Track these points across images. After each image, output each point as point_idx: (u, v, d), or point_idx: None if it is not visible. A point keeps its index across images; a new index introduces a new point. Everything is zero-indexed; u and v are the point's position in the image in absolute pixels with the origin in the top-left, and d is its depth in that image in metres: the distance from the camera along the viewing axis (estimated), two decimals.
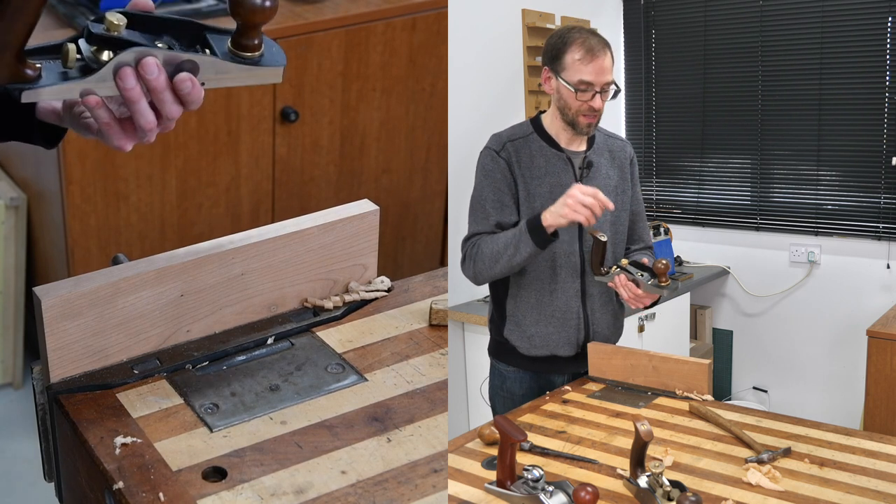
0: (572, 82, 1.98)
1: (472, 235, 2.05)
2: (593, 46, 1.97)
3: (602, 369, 2.01)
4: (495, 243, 1.97)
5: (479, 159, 2.08)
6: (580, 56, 1.97)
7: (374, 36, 2.78)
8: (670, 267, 1.94)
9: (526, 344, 2.10)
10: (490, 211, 2.03)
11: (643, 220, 2.25)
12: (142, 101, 1.12)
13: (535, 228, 1.91)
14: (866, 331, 2.99)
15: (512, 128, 2.12)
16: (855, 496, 1.36)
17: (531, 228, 1.91)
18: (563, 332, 2.08)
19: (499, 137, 2.08)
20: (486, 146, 2.08)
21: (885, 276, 3.62)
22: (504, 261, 1.96)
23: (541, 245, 1.91)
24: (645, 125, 4.23)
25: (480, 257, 2.00)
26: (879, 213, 3.61)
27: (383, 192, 3.03)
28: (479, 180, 2.07)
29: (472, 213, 2.07)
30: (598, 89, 1.98)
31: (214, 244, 1.32)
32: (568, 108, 2.02)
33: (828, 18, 3.64)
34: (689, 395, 1.86)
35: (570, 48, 1.98)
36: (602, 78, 1.98)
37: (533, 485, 1.36)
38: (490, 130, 2.13)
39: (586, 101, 1.98)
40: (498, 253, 1.96)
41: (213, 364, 1.30)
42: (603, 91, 1.99)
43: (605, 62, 1.98)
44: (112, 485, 1.07)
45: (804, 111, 3.75)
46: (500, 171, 2.03)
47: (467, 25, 3.20)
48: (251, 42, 1.18)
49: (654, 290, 1.95)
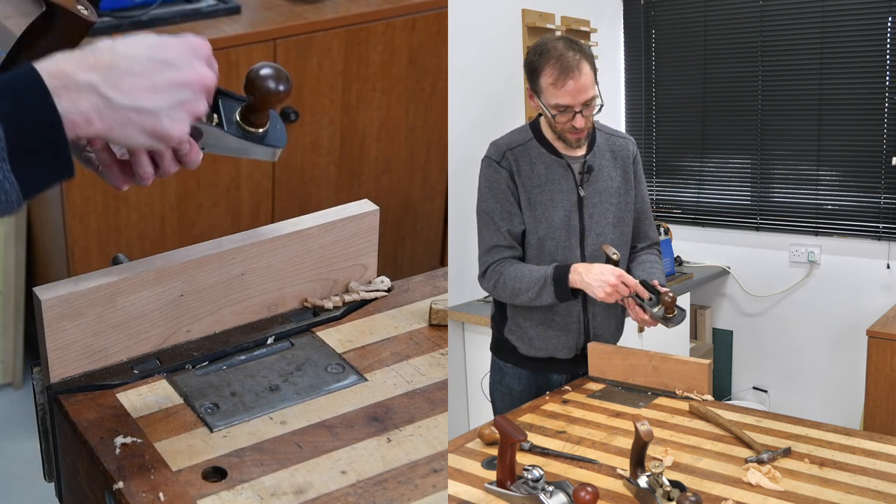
0: (550, 106, 1.96)
1: (490, 249, 2.06)
2: (566, 66, 1.91)
3: (602, 369, 2.01)
4: (519, 280, 2.00)
5: (481, 169, 2.08)
6: (552, 80, 1.92)
7: (374, 36, 2.78)
8: (676, 299, 1.95)
9: (525, 345, 2.11)
10: (499, 223, 2.03)
11: (648, 218, 2.23)
12: (143, 153, 1.12)
13: (560, 283, 1.95)
14: (866, 331, 2.99)
15: (510, 134, 2.11)
16: (855, 496, 1.36)
17: (556, 282, 1.96)
18: (564, 336, 2.08)
19: (498, 146, 2.07)
20: (486, 155, 2.07)
21: (885, 276, 3.62)
22: (524, 300, 2.02)
23: (561, 300, 1.98)
24: (645, 125, 4.23)
25: (503, 286, 2.03)
26: (879, 213, 3.61)
27: (383, 192, 3.03)
28: (483, 192, 2.06)
29: (483, 226, 2.08)
30: (578, 109, 1.94)
31: (214, 244, 1.32)
32: (553, 127, 2.02)
33: (828, 18, 3.64)
34: (689, 395, 1.86)
35: (543, 70, 1.94)
36: (579, 98, 1.93)
37: (533, 485, 1.36)
38: (490, 130, 2.13)
39: (567, 120, 1.96)
40: (520, 290, 2.00)
41: (213, 364, 1.30)
42: (585, 107, 1.95)
43: (579, 82, 1.92)
44: (112, 485, 1.07)
45: (804, 111, 3.75)
46: (504, 181, 2.03)
47: (467, 25, 3.20)
48: (259, 119, 1.20)
49: (660, 321, 1.95)
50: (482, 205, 2.07)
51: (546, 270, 1.98)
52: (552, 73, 1.92)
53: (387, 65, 2.84)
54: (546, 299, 1.98)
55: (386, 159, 3.00)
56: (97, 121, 0.99)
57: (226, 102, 1.20)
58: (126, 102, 1.00)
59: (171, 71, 1.03)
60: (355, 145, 2.92)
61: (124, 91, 1.00)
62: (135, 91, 1.01)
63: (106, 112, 0.99)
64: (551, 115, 1.96)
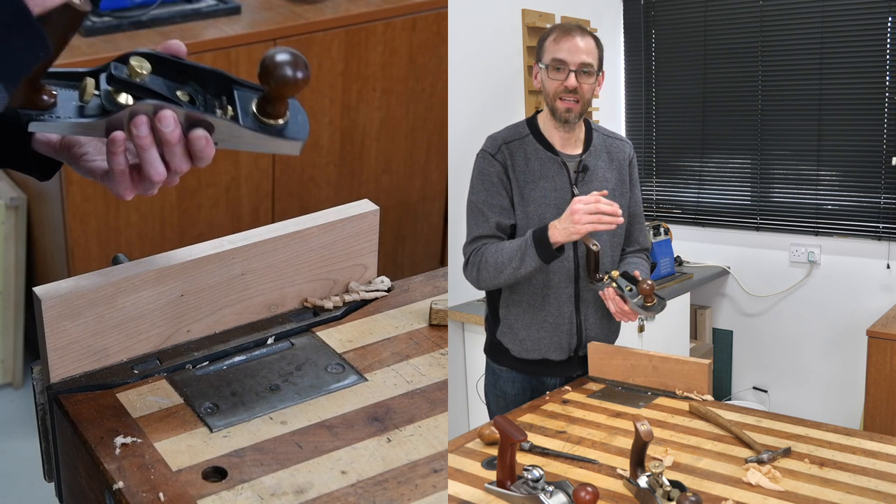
0: (546, 62, 2.00)
1: (475, 239, 2.03)
2: (570, 29, 2.01)
3: (602, 369, 2.00)
4: (500, 253, 1.95)
5: (476, 162, 2.07)
6: (555, 37, 2.01)
7: (374, 36, 2.78)
8: (655, 287, 1.93)
9: (518, 347, 2.09)
10: (489, 214, 2.01)
11: (640, 223, 2.22)
12: (152, 149, 1.09)
13: (541, 242, 1.89)
14: (866, 331, 2.99)
15: (507, 129, 2.10)
16: (855, 496, 1.36)
17: (537, 242, 1.89)
18: (556, 337, 2.06)
19: (494, 139, 2.06)
20: (482, 148, 2.07)
21: (885, 276, 3.62)
22: (509, 272, 1.94)
23: (546, 260, 1.91)
24: (645, 125, 4.23)
25: (485, 266, 1.98)
26: (879, 213, 3.61)
27: (383, 192, 3.03)
28: (475, 184, 2.05)
29: (472, 217, 2.06)
30: (573, 68, 1.97)
31: (214, 244, 1.32)
32: (547, 95, 2.02)
33: (828, 18, 3.64)
34: (689, 395, 1.86)
35: (549, 35, 2.03)
36: (575, 57, 1.97)
37: (533, 485, 1.36)
38: (490, 130, 2.12)
39: (561, 80, 1.98)
40: (503, 263, 1.94)
41: (213, 364, 1.30)
42: (580, 72, 1.97)
43: (578, 42, 1.98)
44: (112, 485, 1.07)
45: (804, 111, 3.75)
46: (497, 173, 2.02)
47: (467, 25, 3.20)
48: (278, 110, 1.12)
49: (639, 310, 1.93)
50: (472, 196, 2.06)
51: (525, 235, 1.95)
52: (555, 33, 2.02)
53: (387, 65, 2.84)
54: (530, 263, 1.91)
55: (386, 159, 3.00)
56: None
57: (241, 93, 1.14)
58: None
59: None
60: (355, 145, 2.92)
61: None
62: None
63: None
64: (548, 76, 2.00)
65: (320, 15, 2.70)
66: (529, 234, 1.93)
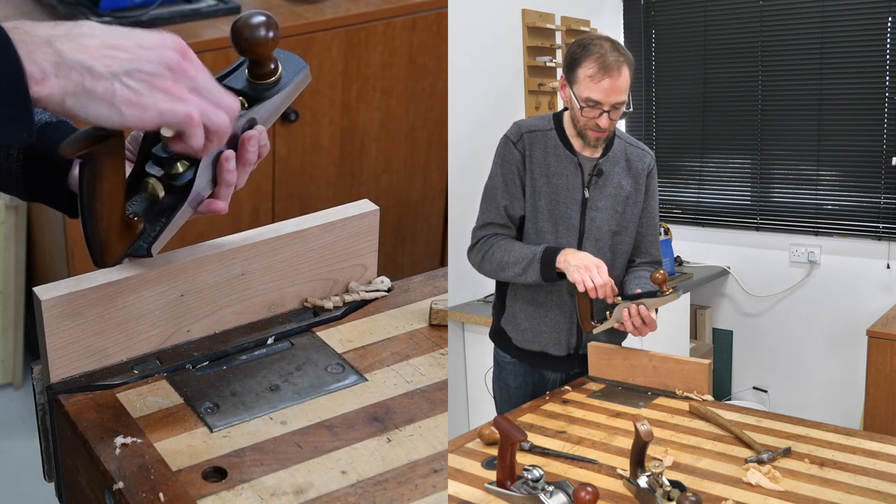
0: (580, 98, 1.94)
1: (485, 225, 2.07)
2: (608, 64, 1.90)
3: (602, 369, 2.01)
4: (508, 253, 2.00)
5: (498, 146, 2.08)
6: (592, 73, 1.91)
7: (374, 36, 2.78)
8: (667, 275, 1.93)
9: (519, 337, 2.12)
10: (500, 199, 2.04)
11: (654, 234, 2.19)
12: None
13: (548, 262, 1.93)
14: (866, 331, 2.99)
15: (534, 118, 2.11)
16: (855, 496, 1.36)
17: (544, 260, 1.94)
18: (555, 331, 2.08)
19: (518, 126, 2.07)
20: (505, 134, 2.08)
21: (885, 276, 3.62)
22: (509, 274, 2.01)
23: (546, 280, 1.96)
24: (645, 125, 4.23)
25: (490, 258, 2.03)
26: (879, 213, 3.61)
27: (383, 192, 3.03)
28: (495, 168, 2.08)
29: (485, 201, 2.09)
30: (607, 108, 1.93)
31: (214, 244, 1.31)
32: (577, 121, 2.01)
33: (828, 18, 3.64)
34: (689, 395, 1.86)
35: (585, 61, 1.92)
36: (612, 98, 1.92)
37: (533, 485, 1.36)
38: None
39: (593, 118, 1.95)
40: (507, 264, 2.00)
41: (213, 364, 1.30)
42: (614, 109, 1.94)
43: (618, 81, 1.91)
44: (112, 485, 1.07)
45: (804, 111, 3.76)
46: (515, 161, 2.03)
47: (467, 25, 3.20)
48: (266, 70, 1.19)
49: (662, 302, 1.94)
50: (489, 181, 2.08)
51: (536, 248, 1.97)
52: (593, 66, 1.91)
53: (387, 65, 2.84)
54: (531, 276, 1.96)
55: (386, 159, 3.00)
56: (52, 77, 0.91)
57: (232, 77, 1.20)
58: (78, 58, 0.93)
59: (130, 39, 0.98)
60: (355, 145, 2.92)
61: (78, 49, 0.93)
62: (89, 49, 0.94)
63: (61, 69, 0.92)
64: (580, 106, 1.95)
65: (320, 15, 2.69)
66: (541, 249, 1.96)
